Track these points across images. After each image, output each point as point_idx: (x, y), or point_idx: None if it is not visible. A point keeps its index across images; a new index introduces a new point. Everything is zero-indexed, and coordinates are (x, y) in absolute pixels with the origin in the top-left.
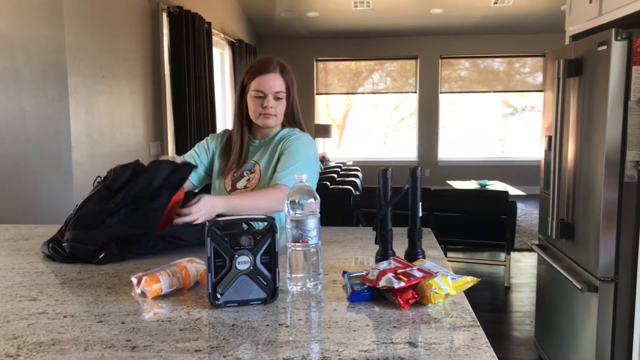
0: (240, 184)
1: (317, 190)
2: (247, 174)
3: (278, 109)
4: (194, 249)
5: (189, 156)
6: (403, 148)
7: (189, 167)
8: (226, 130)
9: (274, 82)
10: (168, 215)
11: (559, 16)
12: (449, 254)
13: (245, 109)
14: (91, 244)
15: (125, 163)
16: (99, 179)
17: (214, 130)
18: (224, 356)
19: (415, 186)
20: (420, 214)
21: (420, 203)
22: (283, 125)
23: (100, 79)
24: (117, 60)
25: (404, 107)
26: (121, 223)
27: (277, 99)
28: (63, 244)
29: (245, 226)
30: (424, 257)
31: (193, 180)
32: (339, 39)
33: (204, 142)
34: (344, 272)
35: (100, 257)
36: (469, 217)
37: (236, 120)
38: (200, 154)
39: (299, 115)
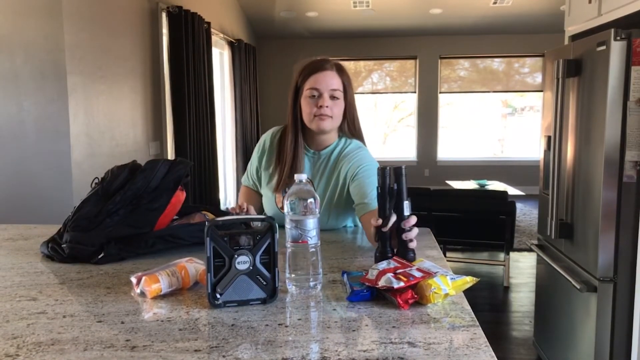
0: None
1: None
2: None
3: (335, 109)
4: (194, 249)
5: (247, 180)
6: (402, 148)
7: (186, 165)
8: (271, 135)
9: (331, 80)
10: (167, 216)
11: (558, 16)
12: (448, 254)
13: (300, 114)
14: (90, 244)
15: (122, 164)
16: (96, 180)
17: (212, 129)
18: (224, 356)
19: (400, 185)
20: (408, 213)
21: (408, 202)
22: (341, 132)
23: (99, 79)
24: (116, 59)
25: (403, 107)
26: (120, 224)
27: (333, 98)
28: (62, 245)
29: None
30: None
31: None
32: (339, 39)
33: (254, 160)
34: (344, 272)
35: (100, 256)
36: (468, 217)
37: (291, 127)
38: (254, 178)
39: (359, 123)
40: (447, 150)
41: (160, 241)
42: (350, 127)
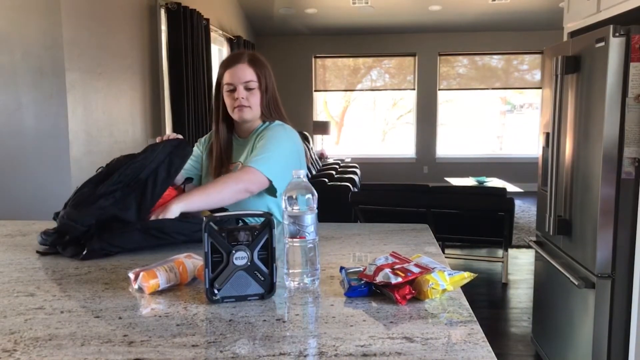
0: None
1: (315, 186)
2: None
3: (251, 99)
4: (192, 245)
5: (187, 170)
6: (401, 145)
7: (184, 153)
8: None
9: (243, 73)
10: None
11: (557, 13)
12: (447, 251)
13: (224, 107)
14: (80, 222)
15: (128, 153)
16: (100, 169)
17: (211, 126)
18: (221, 351)
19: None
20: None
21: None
22: (264, 119)
23: (98, 76)
24: (115, 56)
25: (402, 104)
26: (114, 205)
27: (248, 89)
28: (55, 220)
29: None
30: None
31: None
32: (338, 36)
33: (195, 149)
34: (342, 268)
35: (84, 253)
36: (467, 213)
37: (214, 120)
38: (194, 164)
39: (279, 108)
40: (446, 147)
41: (144, 235)
42: (269, 111)
